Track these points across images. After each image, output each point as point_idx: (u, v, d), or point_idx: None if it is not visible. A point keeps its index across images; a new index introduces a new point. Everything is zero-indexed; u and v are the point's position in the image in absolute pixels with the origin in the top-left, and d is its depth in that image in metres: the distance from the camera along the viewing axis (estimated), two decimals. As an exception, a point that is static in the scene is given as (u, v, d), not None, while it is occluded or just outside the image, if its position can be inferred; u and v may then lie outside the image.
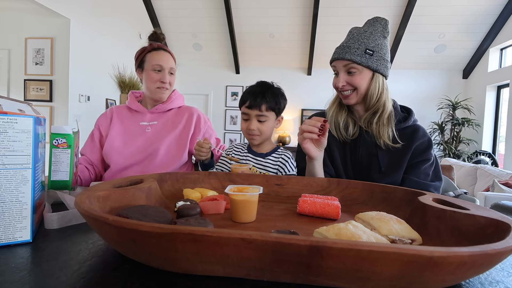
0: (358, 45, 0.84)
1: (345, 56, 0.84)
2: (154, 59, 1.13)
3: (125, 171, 1.12)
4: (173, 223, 0.44)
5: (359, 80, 0.85)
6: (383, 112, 0.86)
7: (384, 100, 0.86)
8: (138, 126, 1.17)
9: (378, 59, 0.84)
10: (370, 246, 0.27)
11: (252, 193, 0.53)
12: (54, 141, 0.69)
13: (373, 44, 0.84)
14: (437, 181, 0.84)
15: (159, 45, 1.18)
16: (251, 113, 0.96)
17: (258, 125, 0.96)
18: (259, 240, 0.28)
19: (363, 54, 0.83)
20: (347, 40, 0.87)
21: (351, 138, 0.92)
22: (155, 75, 1.13)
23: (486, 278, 0.36)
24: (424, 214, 0.49)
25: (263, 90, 0.96)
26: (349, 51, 0.84)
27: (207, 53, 5.11)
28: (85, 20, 3.32)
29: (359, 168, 0.90)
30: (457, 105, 4.44)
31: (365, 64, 0.83)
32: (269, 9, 4.25)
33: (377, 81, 0.86)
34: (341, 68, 0.87)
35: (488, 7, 3.90)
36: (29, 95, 3.22)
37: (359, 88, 0.86)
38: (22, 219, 0.41)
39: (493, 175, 2.84)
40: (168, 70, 1.15)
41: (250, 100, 0.95)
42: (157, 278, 0.33)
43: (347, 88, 0.87)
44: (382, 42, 0.86)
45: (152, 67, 1.13)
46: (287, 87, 6.05)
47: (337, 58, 0.87)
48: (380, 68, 0.85)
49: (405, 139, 0.86)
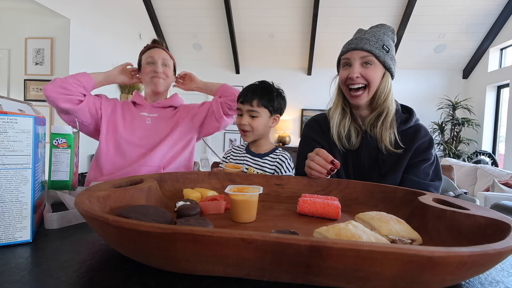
0: (376, 40, 0.83)
1: (364, 46, 0.82)
2: (146, 55, 1.20)
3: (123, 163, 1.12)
4: (173, 223, 0.44)
5: (373, 74, 0.83)
6: (387, 115, 0.85)
7: (390, 101, 0.85)
8: (138, 116, 1.21)
9: (391, 58, 0.84)
10: (370, 246, 0.27)
11: (252, 193, 0.53)
12: (54, 141, 0.69)
13: (387, 43, 0.84)
14: (437, 180, 0.84)
15: (153, 44, 1.24)
16: (243, 108, 0.98)
17: (249, 120, 0.97)
18: (259, 240, 0.28)
19: (381, 49, 0.82)
20: (363, 34, 0.85)
21: (353, 149, 0.90)
22: (148, 67, 1.19)
23: (486, 278, 0.36)
24: (424, 214, 0.49)
25: (256, 86, 0.99)
26: (368, 42, 0.82)
27: (207, 53, 5.11)
28: (85, 20, 3.32)
29: (362, 173, 0.89)
30: (457, 105, 4.43)
31: (381, 59, 0.82)
32: (269, 9, 4.25)
33: (387, 80, 0.85)
34: (357, 59, 0.83)
35: (488, 7, 3.90)
36: (29, 95, 3.22)
37: (371, 84, 0.83)
38: (22, 219, 0.41)
39: (493, 175, 2.84)
40: (161, 61, 1.19)
41: (242, 95, 0.98)
42: (157, 278, 0.33)
43: (359, 82, 0.84)
44: (393, 44, 0.86)
45: (146, 61, 1.19)
46: (287, 87, 6.03)
47: (355, 47, 0.83)
48: (392, 67, 0.85)
49: (407, 140, 0.85)
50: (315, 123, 0.99)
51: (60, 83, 1.06)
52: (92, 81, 1.16)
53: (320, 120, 0.99)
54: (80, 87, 1.11)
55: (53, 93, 1.05)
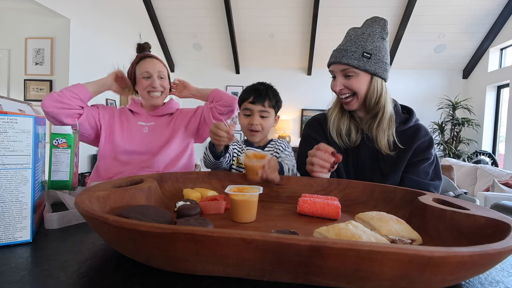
0: (356, 48, 0.82)
1: (342, 60, 0.83)
2: (141, 67, 1.18)
3: (123, 167, 1.13)
4: (173, 223, 0.44)
5: (356, 84, 0.84)
6: (383, 116, 0.85)
7: (384, 103, 0.85)
8: (136, 125, 1.21)
9: (376, 62, 0.83)
10: (370, 246, 0.27)
11: (252, 193, 0.53)
12: (54, 141, 0.69)
13: (371, 47, 0.82)
14: (437, 180, 0.84)
15: (145, 54, 1.22)
16: (254, 108, 0.98)
17: (260, 121, 0.99)
18: (259, 240, 0.28)
19: (361, 58, 0.82)
20: (344, 43, 0.85)
21: (354, 146, 0.91)
22: (145, 82, 1.17)
23: (486, 278, 0.36)
24: (424, 214, 0.49)
25: (265, 87, 1.01)
26: (346, 54, 0.82)
27: (207, 53, 5.10)
28: (85, 20, 3.32)
29: (362, 172, 0.90)
30: (457, 105, 4.43)
31: (362, 68, 0.82)
32: (269, 9, 4.25)
33: (376, 84, 0.84)
34: (338, 72, 0.86)
35: (488, 7, 3.89)
36: (29, 95, 3.22)
37: (358, 92, 0.85)
38: (22, 219, 0.41)
39: (493, 175, 2.84)
40: (157, 74, 1.18)
41: (254, 96, 0.98)
42: (157, 278, 0.33)
43: (345, 92, 0.86)
44: (381, 44, 0.84)
45: (141, 75, 1.18)
46: (287, 87, 6.01)
47: (334, 62, 0.85)
48: (379, 71, 0.83)
49: (407, 140, 0.85)
50: (315, 122, 1.00)
51: (57, 97, 1.05)
52: (88, 92, 1.13)
53: (320, 119, 0.99)
54: (77, 100, 1.10)
55: (52, 108, 1.03)
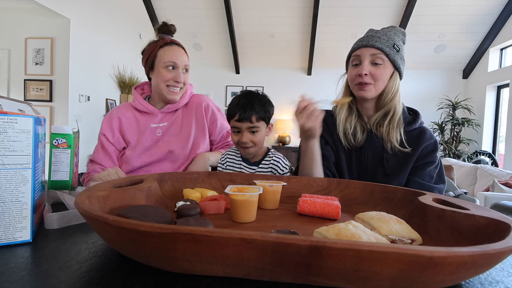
0: (387, 38, 0.83)
1: (375, 43, 0.82)
2: (167, 56, 1.01)
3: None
4: (173, 223, 0.44)
5: (381, 74, 0.83)
6: (394, 114, 0.85)
7: (397, 101, 0.86)
8: (148, 128, 1.08)
9: (401, 58, 0.85)
10: (370, 246, 0.27)
11: (252, 193, 0.53)
12: (54, 141, 0.69)
13: (398, 43, 0.84)
14: (441, 183, 0.84)
15: (172, 39, 1.06)
16: (242, 126, 0.90)
17: (250, 137, 0.91)
18: (259, 240, 0.28)
19: (392, 47, 0.83)
20: (374, 33, 0.85)
21: (358, 146, 0.90)
22: (168, 74, 1.01)
23: (486, 278, 0.36)
24: (424, 214, 0.49)
25: (250, 100, 0.90)
26: (379, 40, 0.83)
27: (207, 53, 5.11)
28: (85, 20, 3.32)
29: (365, 171, 0.89)
30: (457, 105, 4.44)
31: (392, 57, 0.82)
32: (269, 9, 4.25)
33: (396, 80, 0.85)
34: (367, 56, 0.84)
35: (488, 7, 3.90)
36: (29, 95, 3.22)
37: (378, 82, 0.84)
38: (22, 219, 0.41)
39: (493, 175, 2.84)
40: (183, 67, 1.04)
41: (239, 113, 0.89)
42: (157, 278, 0.33)
43: (367, 81, 0.84)
44: (403, 46, 0.86)
45: (165, 64, 1.01)
46: (287, 87, 6.00)
47: (366, 45, 0.84)
48: (401, 67, 0.85)
49: (412, 141, 0.85)
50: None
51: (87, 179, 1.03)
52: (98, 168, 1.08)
53: (325, 116, 0.99)
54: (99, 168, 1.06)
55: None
